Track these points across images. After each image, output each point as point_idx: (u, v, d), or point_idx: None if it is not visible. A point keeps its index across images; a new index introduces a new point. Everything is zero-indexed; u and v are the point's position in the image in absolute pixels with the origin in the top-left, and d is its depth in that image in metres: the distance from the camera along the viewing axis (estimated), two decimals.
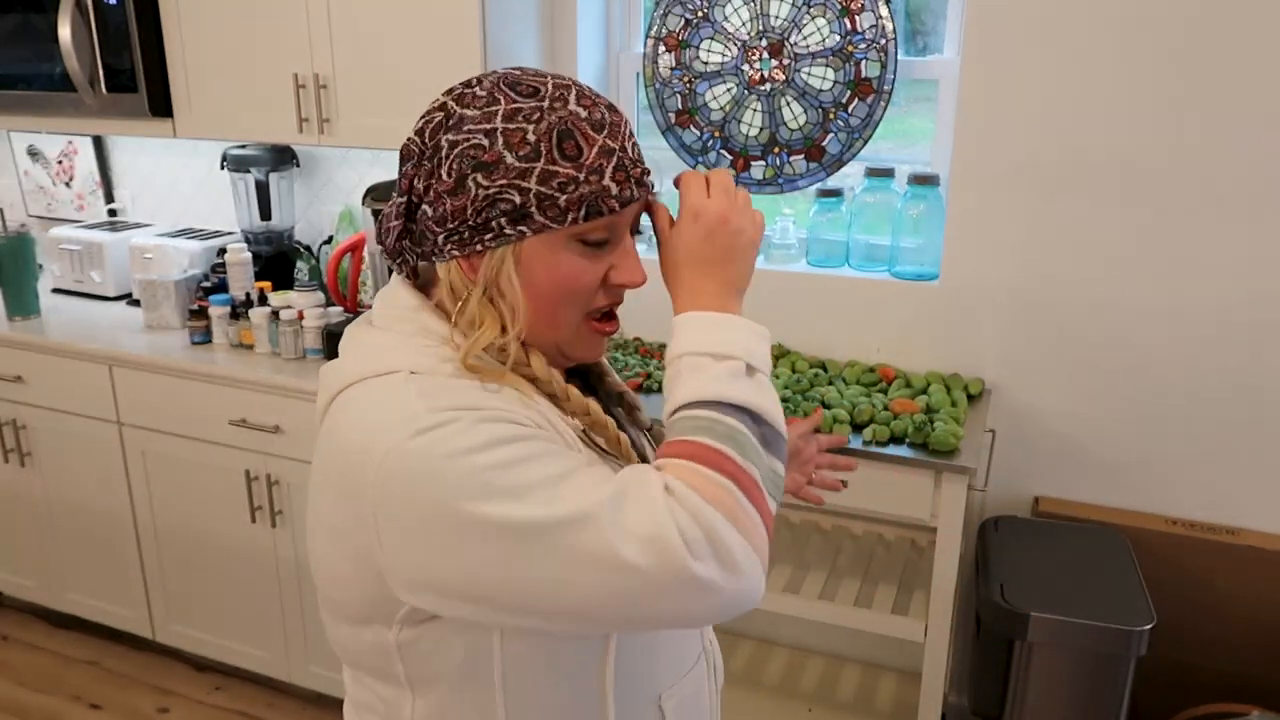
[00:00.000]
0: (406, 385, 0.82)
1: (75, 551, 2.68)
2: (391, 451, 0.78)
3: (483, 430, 0.78)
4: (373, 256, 2.32)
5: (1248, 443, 2.01)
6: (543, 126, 0.81)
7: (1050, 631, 1.75)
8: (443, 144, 0.83)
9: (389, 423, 0.80)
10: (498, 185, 0.81)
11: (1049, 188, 2.02)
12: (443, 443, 0.77)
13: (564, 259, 0.84)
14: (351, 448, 0.82)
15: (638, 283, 0.89)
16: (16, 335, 2.52)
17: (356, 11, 2.16)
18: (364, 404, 0.84)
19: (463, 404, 0.80)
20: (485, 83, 0.84)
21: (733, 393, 0.82)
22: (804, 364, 2.21)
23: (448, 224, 0.83)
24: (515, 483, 0.76)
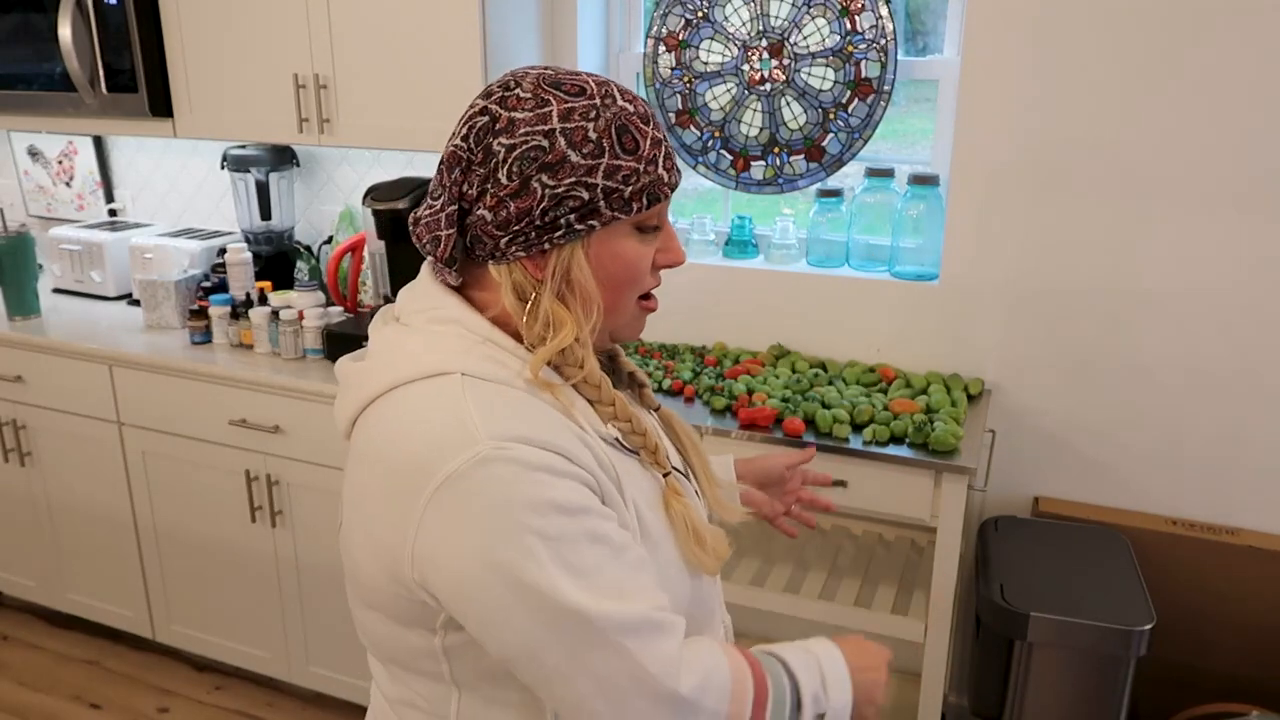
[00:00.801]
0: (463, 393, 0.83)
1: (75, 551, 2.68)
2: (451, 479, 0.78)
3: (544, 485, 0.79)
4: (372, 256, 2.32)
5: (1248, 443, 2.01)
6: (601, 123, 0.84)
7: (1050, 631, 1.75)
8: (496, 148, 0.83)
9: (448, 441, 0.80)
10: (565, 184, 0.83)
11: (1049, 188, 2.02)
12: (502, 485, 0.78)
13: (627, 247, 0.88)
14: (406, 460, 0.81)
15: (681, 261, 0.94)
16: (16, 335, 2.52)
17: (356, 11, 2.16)
18: (418, 410, 0.84)
19: (520, 434, 0.80)
20: (525, 84, 0.85)
21: (807, 710, 0.90)
22: (804, 364, 2.21)
23: (512, 226, 0.84)
24: (569, 561, 0.79)
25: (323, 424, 2.19)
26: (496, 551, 0.77)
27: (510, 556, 0.77)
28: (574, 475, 0.81)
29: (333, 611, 2.35)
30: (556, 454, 0.81)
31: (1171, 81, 1.88)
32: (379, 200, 2.17)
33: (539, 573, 0.77)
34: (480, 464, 0.78)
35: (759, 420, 1.92)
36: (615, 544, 0.82)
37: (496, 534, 0.78)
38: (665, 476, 0.95)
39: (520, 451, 0.79)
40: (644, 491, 0.92)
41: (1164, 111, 1.90)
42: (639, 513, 0.89)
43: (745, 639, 1.05)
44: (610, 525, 0.83)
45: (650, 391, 1.07)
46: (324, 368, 2.27)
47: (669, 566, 0.92)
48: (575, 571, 0.78)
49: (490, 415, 0.81)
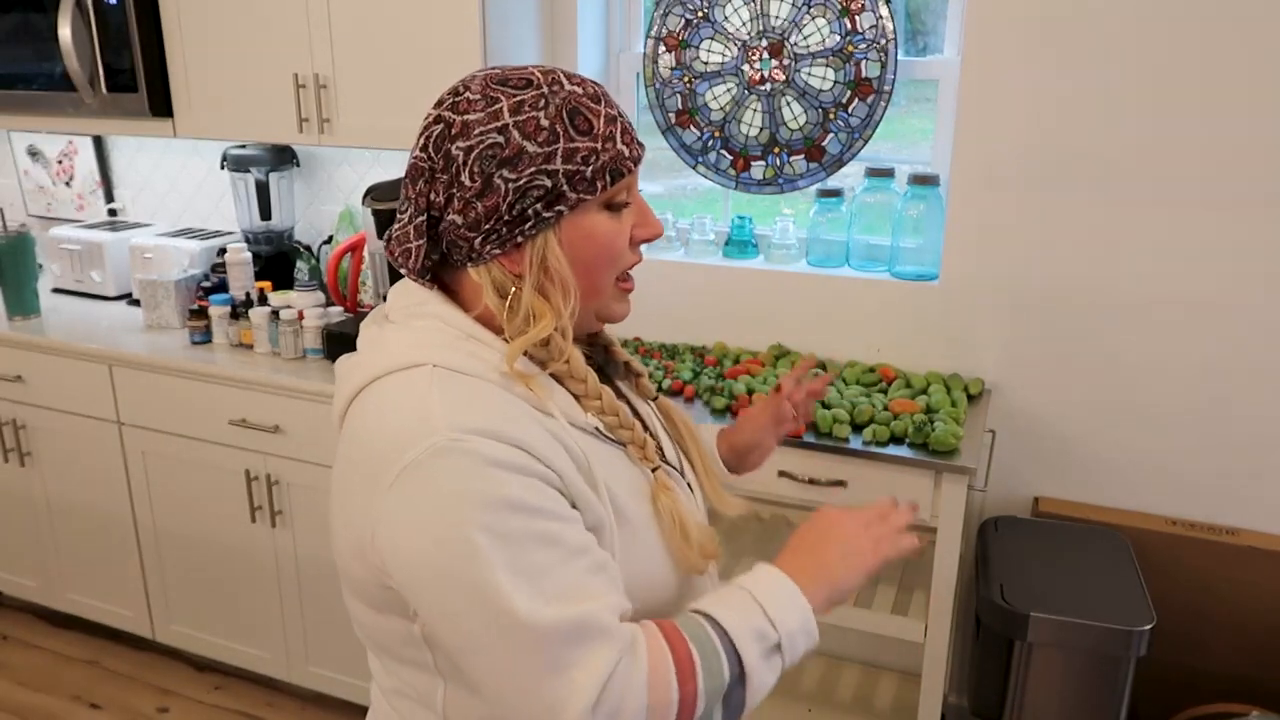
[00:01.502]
0: (429, 384, 0.84)
1: (75, 551, 2.68)
2: (408, 468, 0.80)
3: (498, 481, 0.79)
4: (372, 256, 2.32)
5: (1247, 443, 2.01)
6: (551, 110, 0.84)
7: (1050, 631, 1.75)
8: (454, 152, 0.85)
9: (409, 431, 0.81)
10: (526, 175, 0.84)
11: (1049, 187, 2.02)
12: (455, 477, 0.79)
13: (599, 226, 0.89)
14: (373, 450, 0.84)
15: (659, 234, 0.95)
16: (16, 335, 2.52)
17: (356, 11, 2.16)
18: (386, 402, 0.86)
19: (481, 426, 0.81)
20: (474, 86, 0.86)
21: (748, 651, 0.87)
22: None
23: (483, 226, 0.85)
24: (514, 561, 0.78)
25: (323, 424, 2.19)
26: (443, 544, 0.79)
27: (454, 550, 0.78)
28: (534, 473, 0.81)
29: (333, 611, 2.35)
30: (518, 449, 0.81)
31: (1171, 81, 1.88)
32: (379, 200, 2.17)
33: (480, 569, 0.77)
34: (436, 454, 0.79)
35: None
36: (570, 547, 0.82)
37: (444, 526, 0.79)
38: (654, 471, 0.95)
39: (478, 444, 0.80)
40: (626, 482, 0.92)
41: (1164, 111, 1.90)
42: (616, 501, 0.89)
43: None
44: (569, 529, 0.82)
45: (646, 381, 1.08)
46: (324, 368, 2.27)
47: (649, 560, 0.92)
48: (518, 572, 0.78)
49: (453, 407, 0.82)
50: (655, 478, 0.95)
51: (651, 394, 1.08)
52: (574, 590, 0.80)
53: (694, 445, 1.09)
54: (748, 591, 0.90)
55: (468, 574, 0.78)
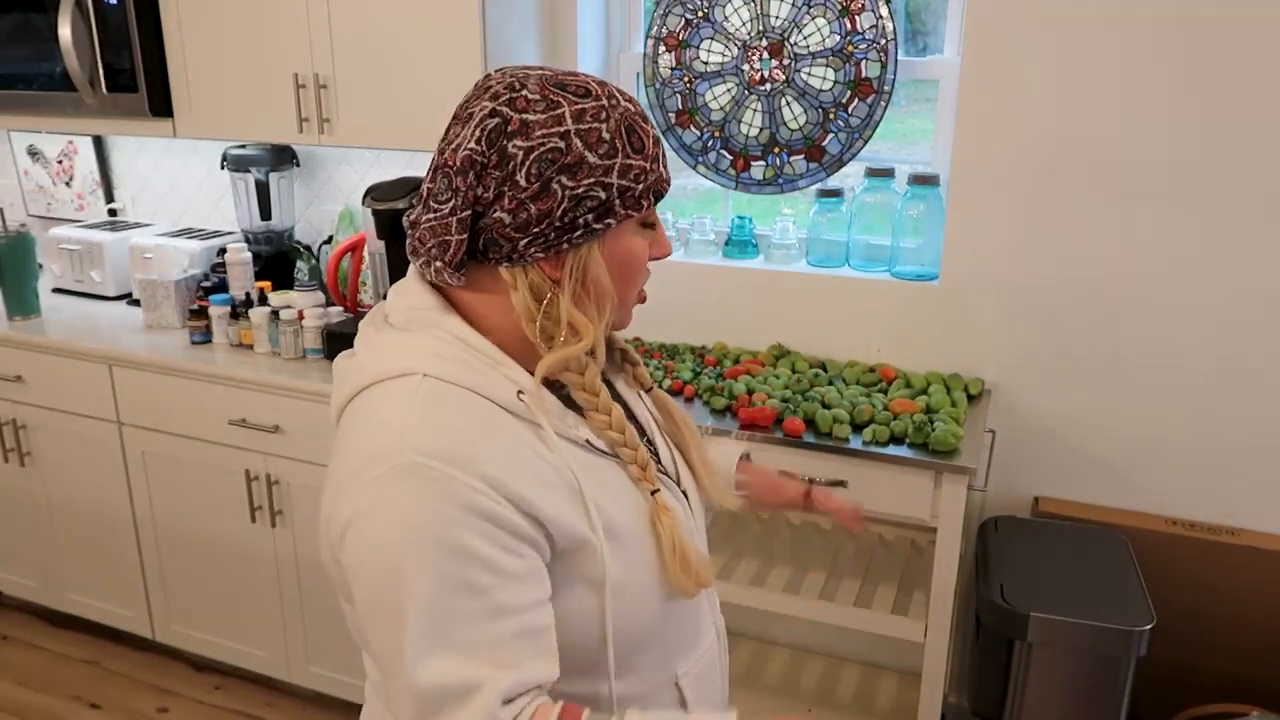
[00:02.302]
0: (414, 397, 0.84)
1: (75, 551, 2.68)
2: (373, 480, 0.81)
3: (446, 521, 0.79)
4: (372, 256, 2.32)
5: (1248, 443, 2.01)
6: (612, 124, 0.85)
7: (1050, 631, 1.75)
8: (512, 150, 0.83)
9: (383, 444, 0.82)
10: (584, 185, 0.84)
11: (1049, 187, 2.02)
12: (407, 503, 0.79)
13: (634, 243, 0.91)
14: (352, 456, 0.85)
15: (670, 252, 0.97)
16: (16, 335, 2.52)
17: (356, 11, 2.16)
18: (372, 410, 0.86)
19: (452, 451, 0.81)
20: (531, 86, 0.85)
21: None
22: (804, 364, 2.21)
23: (532, 228, 0.85)
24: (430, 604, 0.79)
25: (323, 424, 2.19)
26: (379, 564, 0.80)
27: (386, 573, 0.79)
28: (489, 515, 0.80)
29: (333, 611, 2.35)
30: (481, 481, 0.80)
31: (1171, 81, 1.88)
32: (379, 200, 2.17)
33: (399, 599, 0.79)
34: (398, 475, 0.80)
35: (759, 420, 1.92)
36: (497, 604, 0.80)
37: (384, 548, 0.80)
38: (654, 494, 0.94)
39: (441, 473, 0.80)
40: (621, 498, 0.92)
41: (1164, 111, 1.90)
42: (608, 517, 0.89)
43: (745, 639, 1.05)
44: (505, 586, 0.81)
45: (643, 370, 1.08)
46: (324, 368, 2.27)
47: (638, 577, 0.92)
48: (434, 616, 0.79)
49: (430, 424, 0.82)
50: (655, 500, 0.94)
51: (648, 384, 1.08)
52: (484, 650, 0.80)
53: (692, 440, 1.08)
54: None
55: (389, 598, 0.79)
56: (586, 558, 0.87)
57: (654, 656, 0.96)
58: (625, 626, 0.91)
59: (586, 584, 0.88)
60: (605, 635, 0.89)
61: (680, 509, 0.99)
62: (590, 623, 0.89)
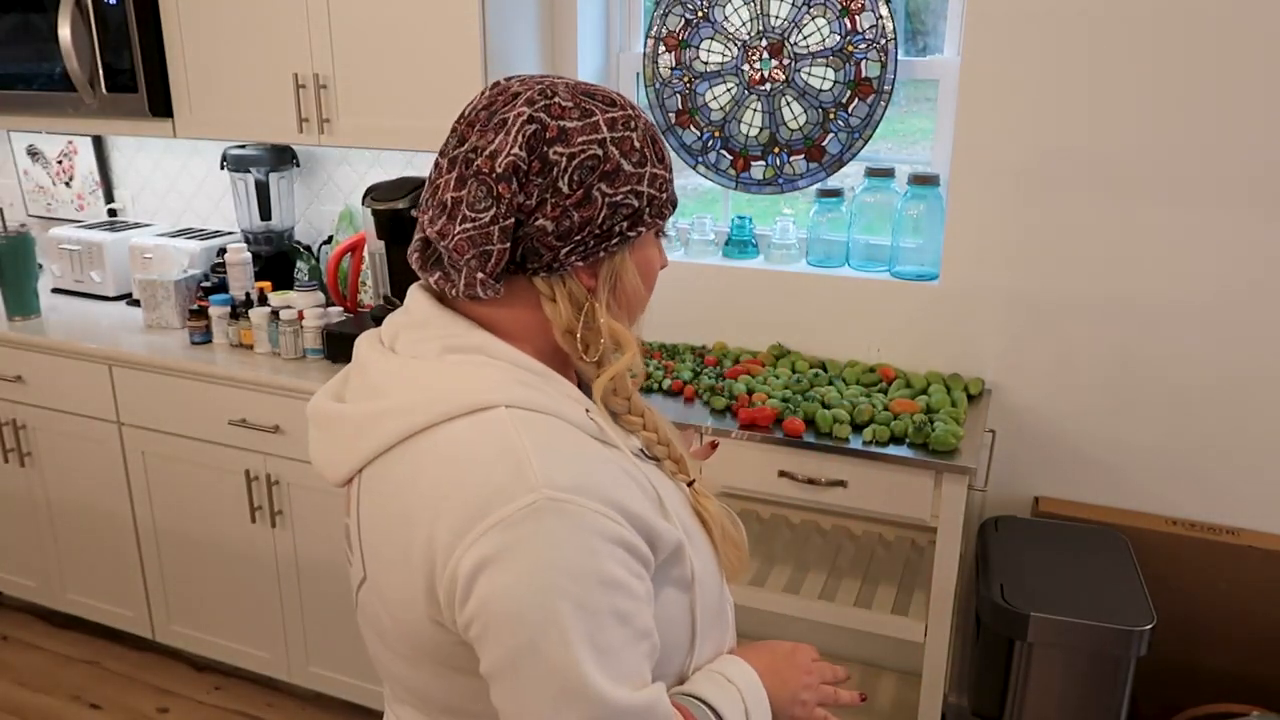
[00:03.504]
0: (514, 429, 0.81)
1: (75, 551, 2.68)
2: (503, 523, 0.76)
3: (591, 552, 0.78)
4: (372, 256, 2.32)
5: (1248, 443, 2.01)
6: (639, 133, 0.86)
7: (1050, 631, 1.75)
8: (553, 157, 0.82)
9: (505, 483, 0.78)
10: (621, 193, 0.85)
11: (1049, 187, 2.02)
12: (550, 543, 0.77)
13: (654, 252, 0.93)
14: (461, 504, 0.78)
15: (667, 263, 0.98)
16: (16, 335, 2.52)
17: (356, 11, 2.16)
18: (468, 450, 0.81)
19: (579, 483, 0.79)
20: (561, 93, 0.84)
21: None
22: (804, 364, 2.21)
23: (574, 235, 0.84)
24: (595, 638, 0.77)
25: None
26: (528, 610, 0.76)
27: (538, 619, 0.76)
28: (623, 541, 0.80)
29: (333, 611, 2.35)
30: (611, 509, 0.79)
31: (1171, 80, 1.88)
32: (379, 200, 2.17)
33: (561, 642, 0.76)
34: (534, 514, 0.77)
35: (759, 420, 1.92)
36: (638, 629, 0.81)
37: (533, 592, 0.76)
38: (691, 485, 0.96)
39: (576, 507, 0.77)
40: (673, 494, 0.93)
41: (1164, 110, 1.90)
42: (678, 516, 0.89)
43: (745, 639, 1.04)
44: (641, 609, 0.81)
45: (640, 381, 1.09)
46: (324, 368, 2.27)
47: (709, 575, 0.93)
48: (599, 649, 0.77)
49: (547, 457, 0.79)
50: (693, 490, 0.96)
51: None
52: (636, 674, 0.80)
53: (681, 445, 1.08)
54: (736, 689, 0.93)
55: (548, 641, 0.76)
56: (678, 561, 0.88)
57: (712, 645, 0.98)
58: (702, 620, 0.92)
59: (677, 585, 0.89)
60: (694, 631, 0.92)
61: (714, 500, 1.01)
62: (683, 623, 0.90)
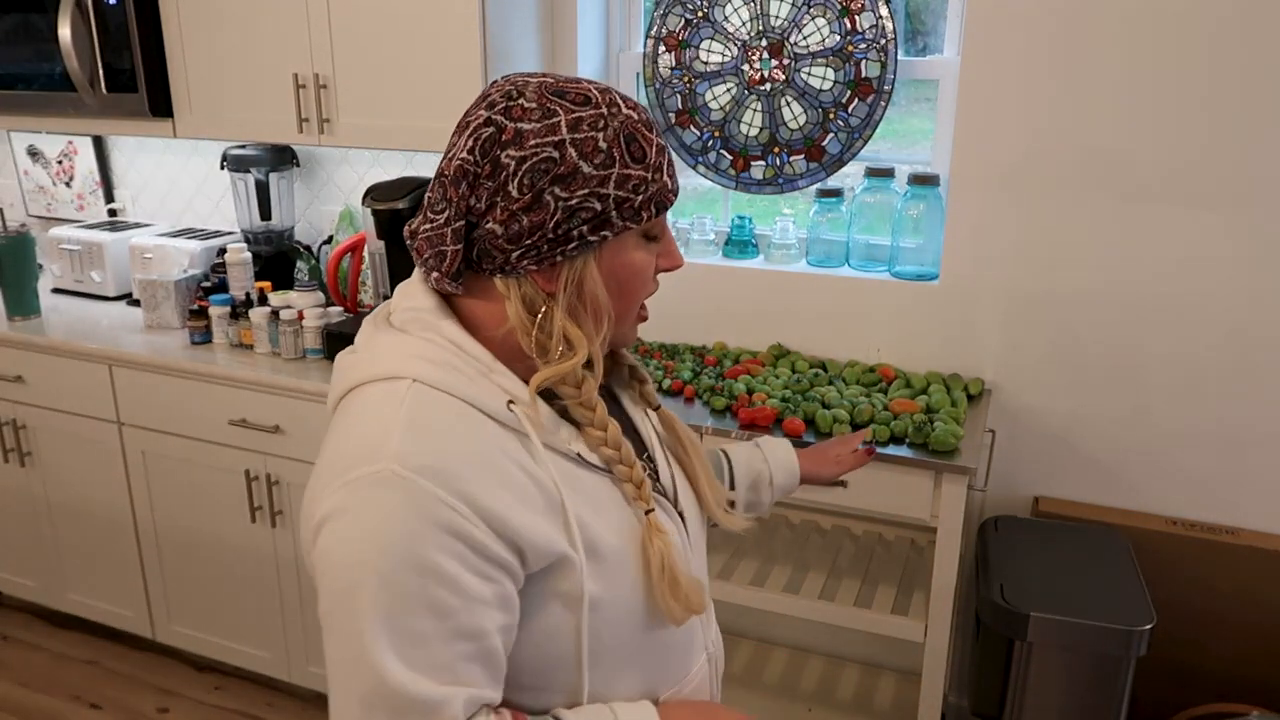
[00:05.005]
0: (401, 402, 0.83)
1: (75, 551, 2.68)
2: (349, 484, 0.79)
3: (416, 537, 0.77)
4: (372, 256, 2.33)
5: (1248, 443, 2.01)
6: (610, 133, 0.83)
7: (1050, 631, 1.75)
8: (504, 160, 0.82)
9: (364, 448, 0.81)
10: (578, 196, 0.82)
11: (1049, 188, 2.02)
12: (379, 515, 0.78)
13: (635, 256, 0.89)
14: (330, 462, 0.83)
15: (680, 265, 0.95)
16: (16, 335, 2.52)
17: (356, 11, 2.16)
18: (358, 412, 0.85)
19: (433, 464, 0.79)
20: (529, 93, 0.83)
21: None
22: (804, 364, 2.21)
23: (524, 240, 0.83)
24: (396, 620, 0.77)
25: (323, 424, 2.17)
26: (343, 570, 0.78)
27: (344, 583, 0.78)
28: (459, 534, 0.78)
29: None
30: (459, 500, 0.78)
31: (1171, 81, 1.88)
32: (379, 200, 2.17)
33: (357, 611, 0.77)
34: (374, 483, 0.78)
35: (759, 420, 1.92)
36: (459, 626, 0.79)
37: (351, 555, 0.78)
38: (648, 514, 0.92)
39: (415, 488, 0.78)
40: (611, 515, 0.90)
41: (1164, 111, 1.90)
42: (591, 534, 0.86)
43: (745, 639, 1.04)
44: (469, 608, 0.79)
45: (651, 388, 1.06)
46: (324, 368, 2.27)
47: (624, 598, 0.89)
48: (397, 631, 0.77)
49: (414, 434, 0.80)
50: (649, 520, 0.91)
51: (655, 403, 1.06)
52: (444, 670, 0.79)
53: (696, 459, 1.06)
54: None
55: (350, 603, 0.78)
56: (565, 574, 0.85)
57: (635, 680, 0.94)
58: (604, 647, 0.89)
59: (563, 600, 0.86)
60: (581, 655, 0.88)
61: (675, 531, 0.96)
62: (566, 641, 0.87)
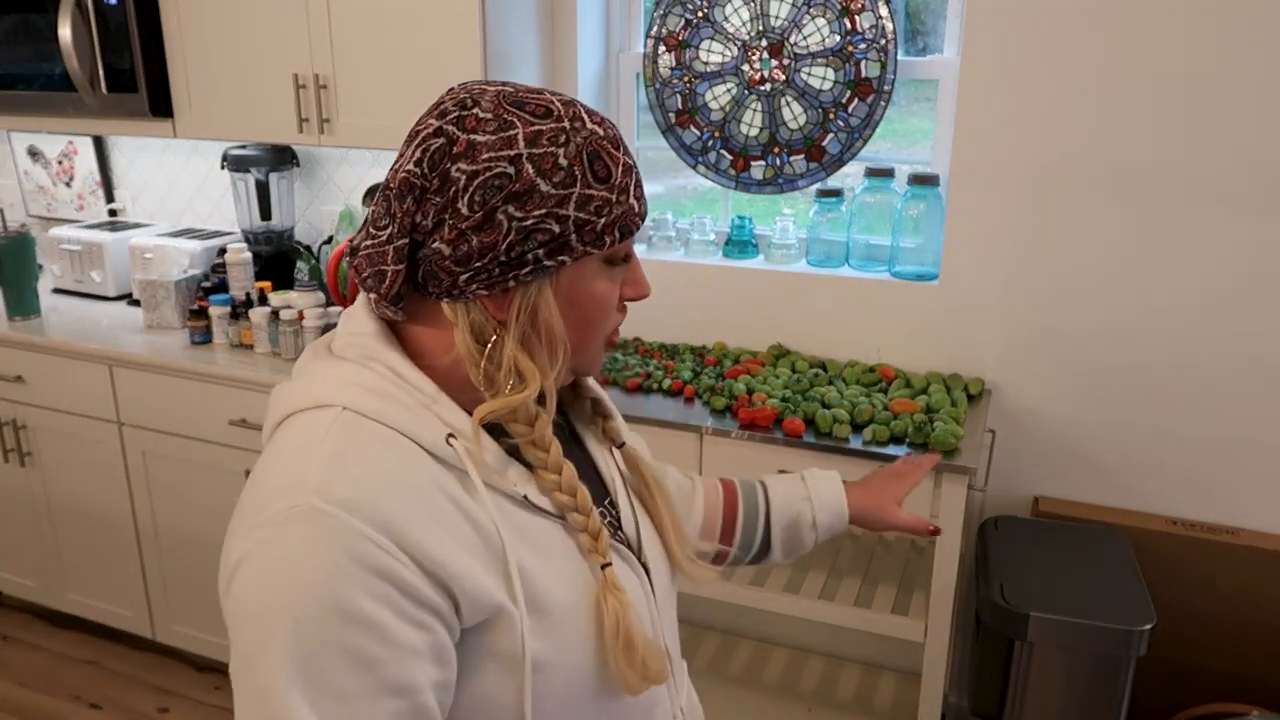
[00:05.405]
0: (327, 431, 0.75)
1: (75, 551, 2.68)
2: (266, 520, 0.71)
3: (337, 576, 0.69)
4: None
5: (1248, 443, 2.01)
6: (572, 149, 0.76)
7: (1050, 631, 1.75)
8: (454, 174, 0.75)
9: (284, 481, 0.73)
10: (534, 216, 0.75)
11: (1049, 187, 2.02)
12: (296, 552, 0.69)
13: (596, 284, 0.81)
14: (251, 495, 0.75)
15: (647, 294, 0.87)
16: (16, 335, 2.52)
17: (356, 11, 2.16)
18: (283, 444, 0.77)
19: (355, 499, 0.71)
20: (485, 103, 0.76)
21: None
22: (804, 364, 2.21)
23: (473, 262, 0.76)
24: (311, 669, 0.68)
25: None
26: (250, 619, 0.71)
27: (256, 633, 0.70)
28: (387, 575, 0.70)
29: None
30: (384, 537, 0.70)
31: (1171, 81, 1.88)
32: None
33: (270, 665, 0.68)
34: (291, 517, 0.70)
35: (759, 420, 1.92)
36: (386, 681, 0.70)
37: (261, 601, 0.70)
38: (604, 568, 0.83)
39: (338, 523, 0.69)
40: (559, 566, 0.81)
41: (1164, 111, 1.90)
42: (535, 586, 0.78)
43: (745, 639, 1.03)
44: (396, 659, 0.70)
45: (616, 424, 0.97)
46: None
47: (570, 669, 0.80)
48: (315, 686, 0.68)
49: (338, 464, 0.73)
50: (605, 576, 0.82)
51: (619, 440, 0.96)
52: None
53: (663, 503, 0.96)
54: None
55: (261, 660, 0.69)
56: (503, 631, 0.76)
57: None
58: (551, 715, 0.79)
59: (501, 661, 0.76)
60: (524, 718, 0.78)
61: (636, 587, 0.88)
62: (508, 708, 0.77)
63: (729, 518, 1.16)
